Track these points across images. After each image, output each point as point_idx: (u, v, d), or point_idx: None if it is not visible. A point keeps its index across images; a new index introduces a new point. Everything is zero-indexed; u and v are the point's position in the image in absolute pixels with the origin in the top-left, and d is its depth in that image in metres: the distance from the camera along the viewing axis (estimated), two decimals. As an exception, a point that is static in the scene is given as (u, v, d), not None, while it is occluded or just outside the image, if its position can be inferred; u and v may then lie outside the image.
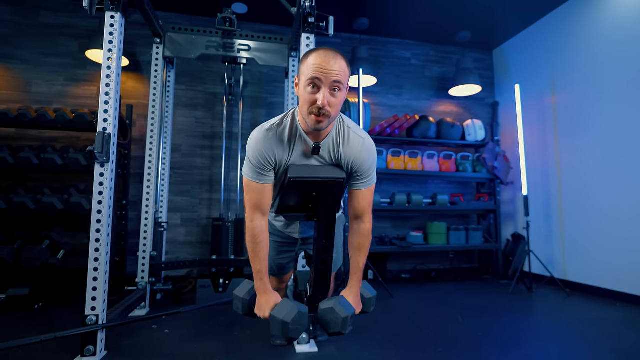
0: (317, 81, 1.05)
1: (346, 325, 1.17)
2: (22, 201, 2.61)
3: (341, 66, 1.07)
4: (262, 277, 1.22)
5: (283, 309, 1.14)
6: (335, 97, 1.08)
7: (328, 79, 1.05)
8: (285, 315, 1.12)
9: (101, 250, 1.67)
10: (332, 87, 1.06)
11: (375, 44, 4.04)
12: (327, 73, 1.04)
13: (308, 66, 1.07)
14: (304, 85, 1.08)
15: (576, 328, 2.21)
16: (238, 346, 1.85)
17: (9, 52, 3.22)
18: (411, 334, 2.08)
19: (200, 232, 3.42)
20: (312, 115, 1.08)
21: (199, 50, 2.68)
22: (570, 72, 3.32)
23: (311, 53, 1.10)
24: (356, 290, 1.30)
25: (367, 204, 1.28)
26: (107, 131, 1.70)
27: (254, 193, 1.21)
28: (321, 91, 1.06)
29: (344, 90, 1.10)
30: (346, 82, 1.10)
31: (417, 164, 3.65)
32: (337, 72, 1.05)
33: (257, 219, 1.21)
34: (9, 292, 2.40)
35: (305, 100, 1.09)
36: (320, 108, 1.06)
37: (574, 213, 3.23)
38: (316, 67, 1.05)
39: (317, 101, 1.06)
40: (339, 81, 1.06)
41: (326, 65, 1.04)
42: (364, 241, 1.30)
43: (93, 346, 1.62)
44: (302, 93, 1.10)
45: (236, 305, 1.28)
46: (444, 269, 3.93)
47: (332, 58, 1.06)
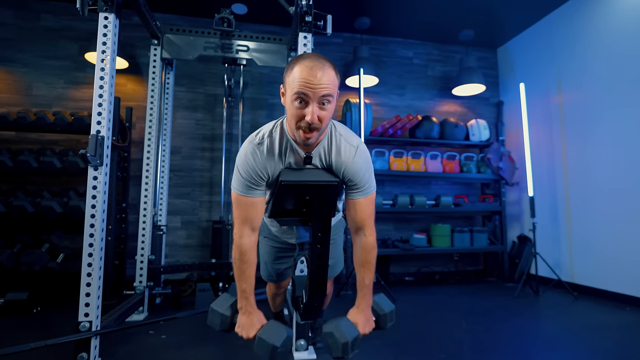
0: (305, 96, 0.98)
1: (347, 350, 1.11)
2: (21, 204, 2.60)
3: (329, 77, 0.99)
4: (247, 297, 1.15)
5: (272, 331, 1.09)
6: (325, 109, 1.01)
7: (316, 94, 0.98)
8: (274, 339, 1.07)
9: (94, 256, 1.64)
10: (321, 102, 0.99)
11: (377, 44, 3.99)
12: (315, 88, 0.97)
13: (294, 79, 0.99)
14: (291, 99, 1.01)
15: (584, 333, 2.14)
16: (234, 353, 1.81)
17: (11, 56, 3.22)
18: (412, 339, 2.02)
19: (200, 234, 3.39)
20: (301, 130, 1.02)
21: (197, 52, 2.65)
22: (577, 70, 3.25)
23: (296, 63, 1.00)
24: (364, 309, 1.21)
25: (366, 214, 1.18)
26: (100, 134, 1.67)
27: (243, 207, 1.14)
28: (309, 106, 0.99)
29: (333, 101, 1.03)
30: (335, 92, 1.03)
31: (420, 165, 3.59)
32: (326, 85, 0.98)
33: (245, 235, 1.14)
34: (7, 296, 2.39)
35: (292, 114, 1.02)
36: (310, 123, 0.99)
37: (581, 214, 3.15)
38: (303, 81, 0.97)
39: (306, 116, 0.99)
40: (328, 94, 0.99)
41: (313, 79, 0.96)
42: (368, 256, 1.20)
43: (86, 353, 1.59)
44: (289, 107, 1.03)
45: (213, 321, 1.19)
46: (448, 271, 3.86)
47: (319, 69, 0.97)
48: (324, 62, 1.00)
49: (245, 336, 1.13)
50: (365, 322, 1.20)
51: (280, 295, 1.76)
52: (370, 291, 1.23)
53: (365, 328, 1.19)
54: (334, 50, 3.86)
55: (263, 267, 1.53)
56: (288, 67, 1.04)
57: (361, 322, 1.19)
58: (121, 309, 2.03)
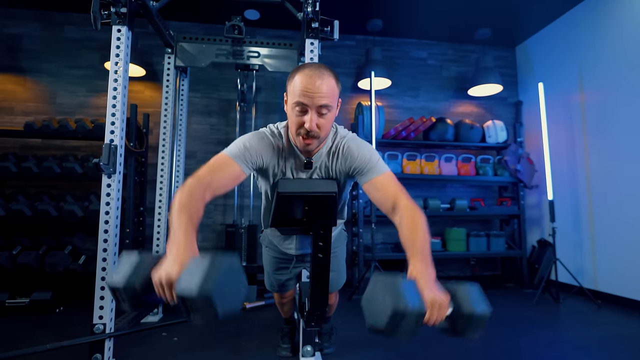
0: (304, 105, 1.01)
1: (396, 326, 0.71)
2: (45, 209, 2.73)
3: (329, 86, 1.01)
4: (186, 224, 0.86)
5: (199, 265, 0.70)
6: (324, 118, 1.03)
7: (315, 102, 1.00)
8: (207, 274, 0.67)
9: (108, 260, 1.70)
10: (320, 110, 1.02)
11: (390, 45, 3.95)
12: (314, 96, 0.99)
13: (294, 87, 1.02)
14: (291, 106, 1.04)
15: (607, 345, 2.04)
16: (243, 356, 1.84)
17: (36, 66, 3.39)
18: (421, 348, 1.99)
19: (215, 237, 3.46)
20: (300, 137, 1.05)
21: (209, 59, 2.70)
22: (600, 67, 3.11)
23: (297, 72, 1.04)
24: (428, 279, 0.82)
25: (393, 189, 1.05)
26: (113, 143, 1.73)
27: (220, 169, 1.02)
28: (308, 114, 1.01)
29: (333, 109, 1.05)
30: (335, 100, 1.05)
31: (434, 168, 3.53)
32: (324, 94, 1.00)
33: (198, 194, 0.92)
34: (33, 296, 2.51)
35: (292, 121, 1.05)
36: (308, 131, 1.02)
37: (605, 219, 3.01)
38: (302, 90, 1.00)
39: (305, 124, 1.02)
40: (327, 104, 1.01)
41: (312, 87, 0.99)
42: (415, 219, 0.96)
43: (101, 354, 1.66)
44: (290, 114, 1.06)
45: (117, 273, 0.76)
46: (464, 276, 3.77)
47: (318, 78, 1.00)
48: (324, 71, 1.02)
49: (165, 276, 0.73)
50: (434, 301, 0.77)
51: (287, 304, 1.77)
52: (425, 256, 0.90)
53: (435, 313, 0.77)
54: (346, 53, 3.85)
55: (266, 276, 1.55)
56: (290, 75, 1.07)
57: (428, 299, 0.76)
58: (137, 311, 2.10)
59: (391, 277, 0.75)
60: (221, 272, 0.67)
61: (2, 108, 3.30)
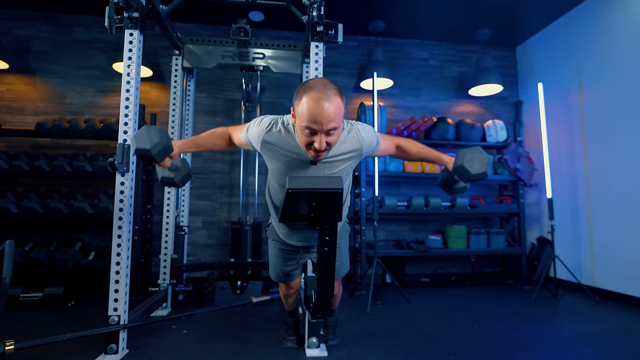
0: (313, 130, 1.08)
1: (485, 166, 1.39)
2: (56, 206, 2.81)
3: (336, 109, 1.06)
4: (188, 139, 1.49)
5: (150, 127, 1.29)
6: (332, 135, 1.10)
7: (324, 127, 1.06)
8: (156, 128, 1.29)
9: (122, 255, 1.78)
10: (329, 132, 1.09)
11: (392, 46, 4.01)
12: (322, 122, 1.05)
13: (302, 111, 1.07)
14: (300, 128, 1.10)
15: (604, 340, 2.10)
16: (251, 348, 1.91)
17: (45, 67, 3.47)
18: (423, 340, 2.06)
19: (220, 234, 3.53)
20: (311, 151, 1.13)
21: (216, 60, 2.77)
22: (599, 67, 3.16)
23: (304, 94, 1.07)
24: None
25: (391, 144, 1.44)
26: (126, 143, 1.80)
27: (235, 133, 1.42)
28: (317, 136, 1.08)
29: (340, 126, 1.12)
30: (341, 118, 1.12)
31: (435, 167, 3.59)
32: (333, 118, 1.06)
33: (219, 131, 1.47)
34: (45, 290, 2.60)
35: (302, 140, 1.13)
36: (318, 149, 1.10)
37: (603, 216, 3.07)
38: (311, 116, 1.05)
39: (315, 144, 1.09)
40: (335, 127, 1.08)
41: (321, 113, 1.04)
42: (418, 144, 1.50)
43: (115, 345, 1.73)
44: (299, 133, 1.13)
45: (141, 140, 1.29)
46: (465, 273, 3.84)
47: (325, 102, 1.04)
48: (329, 93, 1.06)
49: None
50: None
51: (292, 296, 1.84)
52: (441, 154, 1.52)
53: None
54: (349, 54, 3.92)
55: (272, 267, 1.62)
56: (297, 95, 1.11)
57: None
58: (146, 305, 2.18)
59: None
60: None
61: (14, 108, 3.38)
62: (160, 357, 1.79)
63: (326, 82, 1.09)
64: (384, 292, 3.18)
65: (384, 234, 3.75)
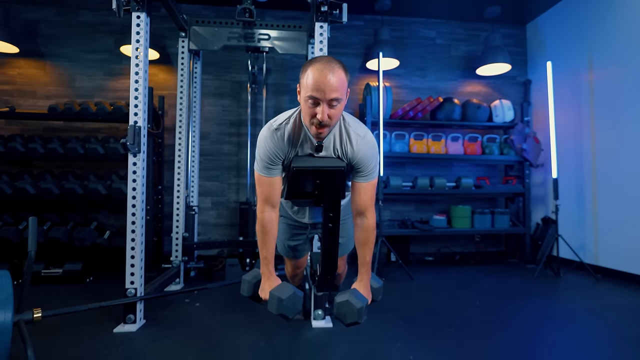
0: (316, 99, 1.11)
1: (362, 315, 1.27)
2: (71, 187, 2.92)
3: (339, 80, 1.11)
4: (267, 264, 1.35)
5: (281, 289, 1.29)
6: (334, 108, 1.14)
7: (326, 96, 1.10)
8: (281, 293, 1.26)
9: (136, 232, 1.87)
10: (331, 103, 1.12)
11: (399, 25, 3.95)
12: (325, 90, 1.09)
13: (307, 81, 1.12)
14: (304, 98, 1.14)
15: (600, 314, 2.16)
16: (259, 320, 2.01)
17: (54, 51, 3.51)
18: (425, 314, 2.15)
19: (229, 214, 3.63)
20: (313, 126, 1.16)
21: (222, 42, 2.79)
22: (611, 45, 3.10)
23: (309, 66, 1.13)
24: (365, 282, 1.38)
25: (368, 198, 1.32)
26: (137, 124, 1.86)
27: (264, 186, 1.30)
28: (320, 107, 1.12)
29: (342, 100, 1.16)
30: (344, 92, 1.16)
31: (441, 147, 3.61)
32: (335, 88, 1.10)
33: (267, 211, 1.31)
34: (65, 267, 2.73)
35: (305, 112, 1.16)
36: (320, 121, 1.13)
37: (608, 196, 3.08)
38: (314, 85, 1.09)
39: (317, 115, 1.13)
40: (337, 98, 1.12)
41: (324, 82, 1.08)
42: (368, 236, 1.35)
43: (133, 315, 1.85)
44: (303, 105, 1.17)
45: (243, 288, 1.43)
46: (469, 252, 3.91)
47: (329, 73, 1.09)
48: (334, 66, 1.12)
49: (264, 297, 1.34)
50: (367, 293, 1.38)
51: (298, 276, 1.91)
52: (369, 267, 1.39)
53: (368, 298, 1.37)
54: (354, 34, 3.88)
55: (280, 244, 1.69)
56: (303, 69, 1.17)
57: (365, 293, 1.35)
58: (160, 280, 2.29)
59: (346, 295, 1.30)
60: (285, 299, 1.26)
61: (26, 92, 3.46)
62: (175, 326, 1.90)
63: (332, 58, 1.15)
64: (388, 270, 3.27)
65: (389, 213, 3.82)
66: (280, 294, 1.26)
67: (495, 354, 1.62)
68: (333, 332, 1.84)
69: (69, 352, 1.56)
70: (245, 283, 1.42)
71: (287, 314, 1.27)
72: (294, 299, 1.28)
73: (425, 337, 1.79)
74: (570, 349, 1.67)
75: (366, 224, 1.34)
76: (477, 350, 1.65)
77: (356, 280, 1.39)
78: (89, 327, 1.84)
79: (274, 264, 1.37)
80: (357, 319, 1.27)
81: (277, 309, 1.26)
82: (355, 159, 1.27)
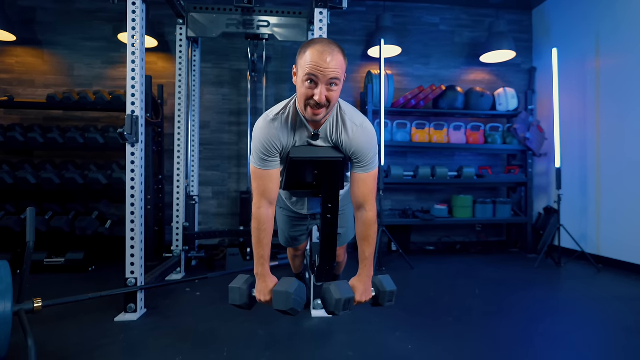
0: (314, 78, 1.08)
1: (339, 307, 1.21)
2: (72, 177, 2.91)
3: (338, 62, 1.08)
4: (263, 263, 1.25)
5: (285, 283, 1.22)
6: (332, 90, 1.11)
7: (325, 76, 1.07)
8: (288, 287, 1.19)
9: (136, 222, 1.87)
10: (329, 83, 1.09)
11: (402, 11, 3.87)
12: (324, 71, 1.06)
13: (305, 61, 1.08)
14: (302, 79, 1.11)
15: (600, 303, 2.16)
16: (259, 308, 2.01)
17: (52, 39, 3.47)
18: (424, 303, 2.15)
19: (230, 204, 3.63)
20: (309, 108, 1.12)
21: (220, 29, 2.74)
22: (619, 33, 3.02)
23: (308, 47, 1.10)
24: (364, 279, 1.29)
25: (368, 190, 1.26)
26: (134, 114, 1.84)
27: (260, 180, 1.24)
28: (318, 87, 1.09)
29: (340, 83, 1.13)
30: (342, 75, 1.12)
31: (443, 136, 3.57)
32: (334, 69, 1.07)
33: (263, 207, 1.24)
34: (67, 256, 2.75)
35: (302, 93, 1.12)
36: (318, 102, 1.10)
37: (612, 186, 3.05)
38: (313, 64, 1.06)
39: (315, 96, 1.09)
40: (336, 77, 1.09)
41: (323, 62, 1.06)
42: (368, 230, 1.28)
43: (134, 304, 1.86)
44: (300, 86, 1.13)
45: (233, 297, 1.28)
46: (470, 241, 3.90)
47: (328, 54, 1.07)
48: (333, 47, 1.10)
49: (263, 299, 1.25)
50: (363, 291, 1.28)
51: (299, 257, 1.93)
52: (370, 263, 1.30)
53: (362, 296, 1.28)
54: (356, 20, 3.80)
55: (280, 233, 1.69)
56: (300, 50, 1.13)
57: (359, 290, 1.27)
58: (161, 269, 2.30)
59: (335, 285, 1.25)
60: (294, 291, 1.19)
61: (24, 81, 3.43)
62: (175, 315, 1.92)
63: (330, 40, 1.13)
64: (389, 259, 3.27)
65: (391, 203, 3.80)
66: (287, 288, 1.19)
67: (494, 343, 1.62)
68: (332, 322, 1.85)
69: (70, 341, 1.58)
70: (235, 291, 1.28)
71: (297, 308, 1.20)
72: (301, 291, 1.22)
73: (425, 327, 1.79)
74: (570, 340, 1.67)
75: (365, 216, 1.27)
76: (476, 339, 1.66)
77: (355, 276, 1.32)
78: (90, 316, 1.86)
79: (269, 263, 1.29)
80: (333, 308, 1.21)
81: (286, 304, 1.18)
82: (352, 149, 1.22)
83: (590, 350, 1.58)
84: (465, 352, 1.53)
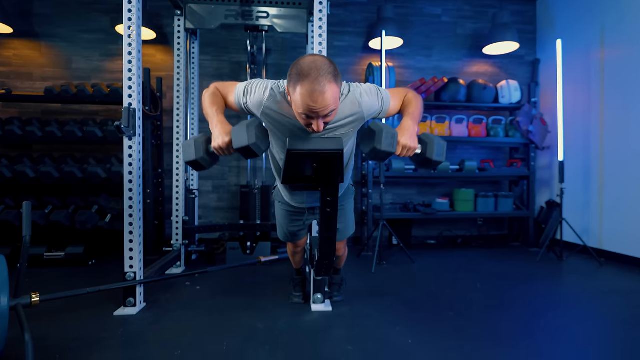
0: (309, 116, 1.07)
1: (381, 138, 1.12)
2: (71, 171, 2.90)
3: (330, 96, 1.03)
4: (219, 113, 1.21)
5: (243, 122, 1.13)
6: (329, 116, 1.10)
7: (319, 114, 1.06)
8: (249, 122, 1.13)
9: (134, 216, 1.85)
10: (325, 115, 1.08)
11: (403, 2, 3.81)
12: (317, 110, 1.05)
13: (297, 100, 1.05)
14: (297, 112, 1.10)
15: (602, 297, 2.15)
16: (259, 302, 2.02)
17: (50, 31, 3.43)
18: (425, 297, 2.14)
19: (230, 198, 3.62)
20: (309, 128, 1.13)
21: (219, 20, 2.70)
22: (625, 24, 2.96)
23: (298, 84, 1.03)
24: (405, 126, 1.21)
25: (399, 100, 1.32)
26: (131, 107, 1.82)
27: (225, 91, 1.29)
28: (315, 121, 1.08)
29: (336, 108, 1.11)
30: (338, 100, 1.09)
31: (445, 130, 3.53)
32: (327, 106, 1.05)
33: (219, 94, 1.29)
34: (67, 250, 2.75)
35: (299, 119, 1.12)
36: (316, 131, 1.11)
37: (615, 179, 3.02)
38: (305, 106, 1.04)
39: (312, 126, 1.10)
40: (331, 111, 1.07)
41: (314, 104, 1.03)
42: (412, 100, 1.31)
43: (133, 298, 1.85)
44: (296, 115, 1.12)
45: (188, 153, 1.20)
46: (471, 235, 3.89)
47: (319, 94, 1.01)
48: (324, 83, 1.01)
49: (221, 142, 1.15)
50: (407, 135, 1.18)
51: (299, 254, 1.91)
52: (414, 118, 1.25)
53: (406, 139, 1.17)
54: (357, 11, 3.74)
55: (279, 228, 1.67)
56: (290, 79, 1.06)
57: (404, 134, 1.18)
58: (161, 263, 2.29)
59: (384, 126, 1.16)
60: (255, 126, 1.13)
61: (22, 74, 3.40)
62: (175, 309, 1.91)
63: (320, 66, 1.02)
64: (389, 254, 3.26)
65: (392, 197, 3.78)
66: (245, 123, 1.11)
67: (495, 338, 1.61)
68: (332, 316, 1.84)
69: (69, 335, 1.57)
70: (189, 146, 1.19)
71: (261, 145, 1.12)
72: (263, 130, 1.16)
73: (425, 321, 1.78)
74: (571, 333, 1.66)
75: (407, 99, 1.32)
76: (477, 334, 1.65)
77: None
78: (89, 310, 1.85)
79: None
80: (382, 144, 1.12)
81: (248, 137, 1.09)
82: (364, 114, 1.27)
83: (590, 345, 1.57)
84: (466, 347, 1.52)
